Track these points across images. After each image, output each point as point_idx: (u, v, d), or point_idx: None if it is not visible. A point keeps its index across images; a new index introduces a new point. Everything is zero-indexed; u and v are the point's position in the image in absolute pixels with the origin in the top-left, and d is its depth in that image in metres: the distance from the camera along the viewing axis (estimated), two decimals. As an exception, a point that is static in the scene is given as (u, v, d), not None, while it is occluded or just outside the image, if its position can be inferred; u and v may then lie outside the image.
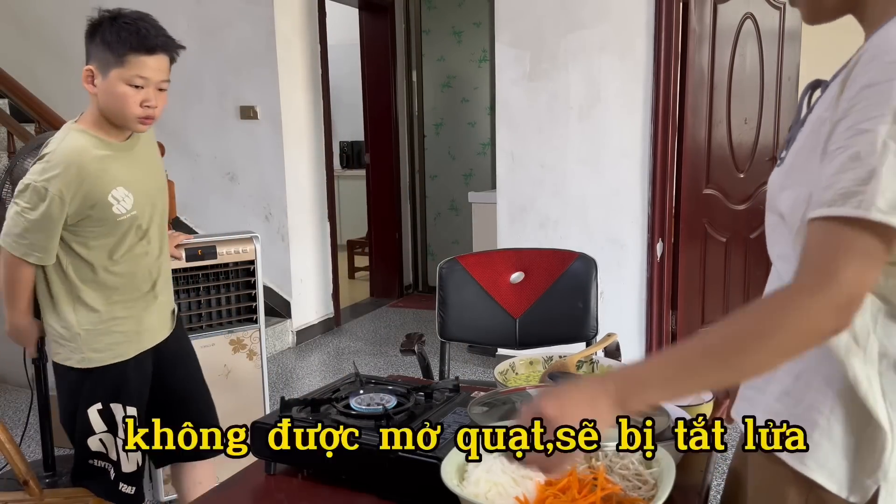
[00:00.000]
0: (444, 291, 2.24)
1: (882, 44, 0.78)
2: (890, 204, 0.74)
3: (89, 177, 1.70)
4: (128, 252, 1.83)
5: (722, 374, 0.84)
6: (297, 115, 4.54)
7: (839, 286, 0.75)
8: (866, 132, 0.75)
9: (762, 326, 0.79)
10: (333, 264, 4.97)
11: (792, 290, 0.79)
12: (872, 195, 0.74)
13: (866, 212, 0.74)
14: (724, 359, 0.81)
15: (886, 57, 0.76)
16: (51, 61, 4.76)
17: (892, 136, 0.74)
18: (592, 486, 0.98)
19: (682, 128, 3.64)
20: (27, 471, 1.76)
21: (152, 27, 1.69)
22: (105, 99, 1.70)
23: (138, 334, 1.89)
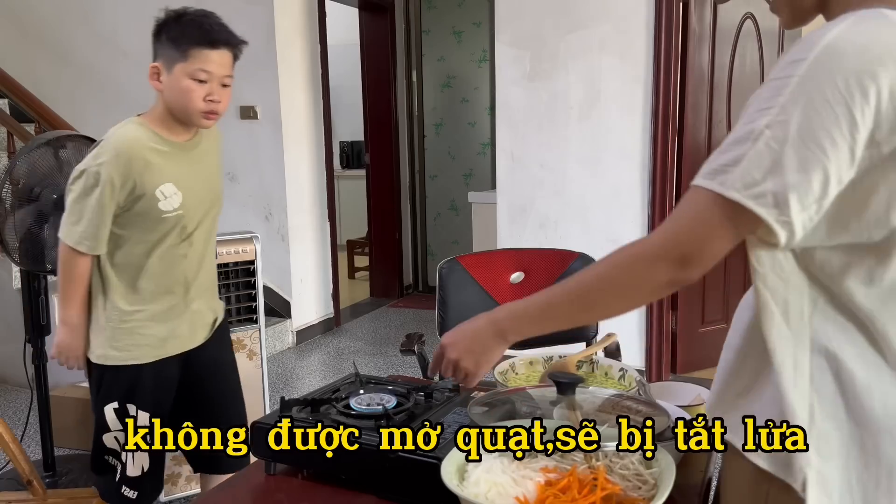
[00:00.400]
0: (444, 291, 2.23)
1: (801, 42, 0.82)
2: (746, 185, 0.79)
3: (139, 167, 1.72)
4: (167, 252, 1.82)
5: (581, 315, 0.99)
6: (297, 115, 4.54)
7: (676, 243, 0.85)
8: (752, 122, 0.81)
9: (612, 273, 0.92)
10: (333, 264, 4.97)
11: (641, 241, 0.90)
12: (735, 176, 0.80)
13: (726, 190, 0.80)
14: (582, 302, 0.95)
15: (794, 55, 0.81)
16: (51, 61, 4.76)
17: (770, 126, 0.79)
18: (592, 487, 0.98)
19: (682, 128, 3.64)
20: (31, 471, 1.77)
21: (216, 23, 1.73)
22: (170, 94, 1.75)
23: (163, 340, 1.87)
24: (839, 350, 0.85)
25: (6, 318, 3.63)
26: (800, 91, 0.78)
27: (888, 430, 0.83)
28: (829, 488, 0.84)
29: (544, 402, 1.17)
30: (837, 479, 0.84)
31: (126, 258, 1.80)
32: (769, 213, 0.79)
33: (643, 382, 1.42)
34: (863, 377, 0.84)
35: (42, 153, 2.45)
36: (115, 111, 4.56)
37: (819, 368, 0.85)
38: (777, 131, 0.79)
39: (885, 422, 0.83)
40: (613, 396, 1.23)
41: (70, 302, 1.81)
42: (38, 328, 2.65)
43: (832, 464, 0.84)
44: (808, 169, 0.78)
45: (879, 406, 0.83)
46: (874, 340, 0.84)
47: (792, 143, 0.78)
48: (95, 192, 1.70)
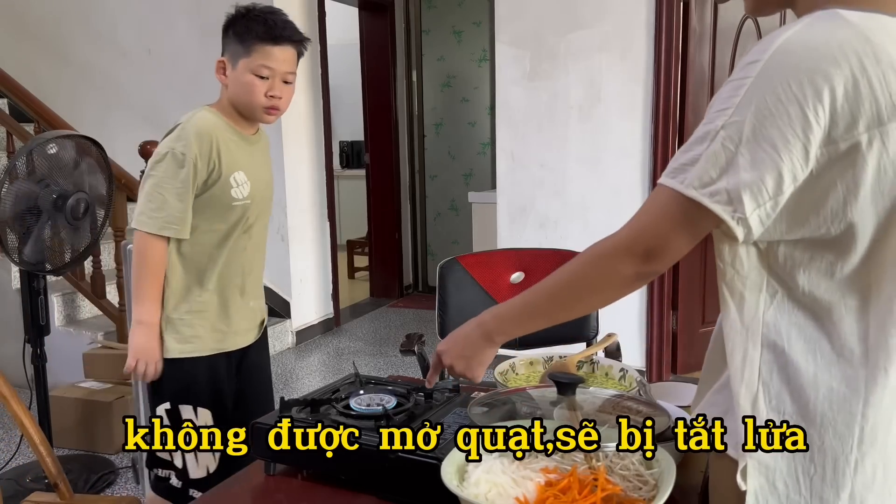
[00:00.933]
0: (443, 291, 2.23)
1: (759, 44, 0.84)
2: (703, 184, 0.83)
3: (219, 149, 1.73)
4: (233, 243, 1.81)
5: (559, 313, 1.01)
6: (297, 115, 4.54)
7: (641, 238, 0.89)
8: (710, 122, 0.84)
9: (583, 270, 0.97)
10: (333, 264, 4.97)
11: (608, 238, 0.94)
12: (693, 175, 0.84)
13: (685, 189, 0.84)
14: (557, 300, 1.00)
15: (750, 56, 0.83)
16: (51, 61, 4.76)
17: (725, 127, 0.82)
18: (593, 487, 0.98)
19: (683, 128, 3.64)
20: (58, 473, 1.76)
21: (280, 20, 1.74)
22: (234, 89, 1.77)
23: (222, 334, 1.84)
24: (788, 345, 0.87)
25: (6, 318, 3.63)
26: (754, 92, 0.81)
27: (832, 424, 0.85)
28: (771, 477, 0.86)
29: (544, 402, 1.17)
30: (783, 469, 0.86)
31: (193, 247, 1.77)
32: (724, 210, 0.82)
33: (643, 383, 1.42)
34: (810, 371, 0.86)
35: (42, 153, 2.45)
36: (115, 111, 4.59)
37: (767, 363, 0.88)
38: (731, 131, 0.82)
39: (830, 415, 0.85)
40: (614, 397, 1.23)
41: (147, 298, 1.74)
42: (38, 328, 2.65)
43: (776, 455, 0.86)
44: (760, 168, 0.80)
45: (824, 400, 0.85)
46: (829, 334, 0.86)
47: (746, 142, 0.81)
48: (181, 173, 1.69)
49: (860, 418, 0.84)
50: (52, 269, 2.59)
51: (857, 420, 0.84)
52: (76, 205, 2.51)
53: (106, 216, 2.70)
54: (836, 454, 0.85)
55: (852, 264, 0.84)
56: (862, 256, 0.84)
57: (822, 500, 0.85)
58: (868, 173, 0.80)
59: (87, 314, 3.77)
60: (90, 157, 2.59)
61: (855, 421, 0.84)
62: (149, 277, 1.74)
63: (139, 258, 1.74)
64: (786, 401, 0.87)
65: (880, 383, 0.84)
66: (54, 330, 3.05)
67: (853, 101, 0.78)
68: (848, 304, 0.85)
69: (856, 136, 0.79)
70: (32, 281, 2.62)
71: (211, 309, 1.82)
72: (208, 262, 1.80)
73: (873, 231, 0.83)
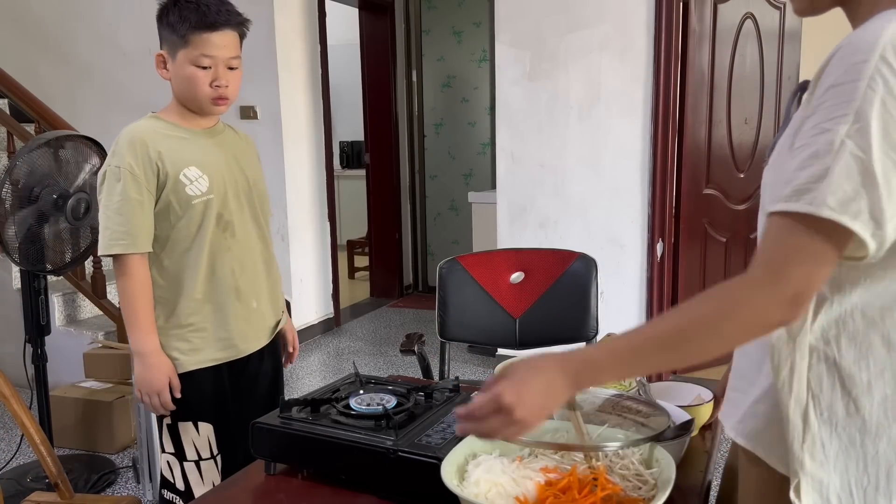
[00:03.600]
0: (444, 291, 2.23)
1: (852, 43, 0.79)
2: (840, 202, 0.75)
3: (156, 151, 1.63)
4: (210, 244, 1.68)
5: (671, 361, 0.87)
6: (297, 115, 4.54)
7: (787, 282, 0.78)
8: (827, 132, 0.77)
9: (711, 317, 0.82)
10: (333, 264, 4.97)
11: (742, 282, 0.81)
12: (824, 193, 0.75)
13: (817, 209, 0.75)
14: (673, 346, 0.84)
15: (853, 57, 0.77)
16: (51, 61, 4.76)
17: (850, 136, 0.75)
18: (593, 487, 0.98)
19: (682, 128, 3.64)
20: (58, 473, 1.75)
21: (213, 3, 1.62)
22: (177, 83, 1.67)
23: (223, 341, 1.74)
24: (838, 354, 0.84)
25: (6, 318, 3.63)
26: (872, 94, 0.75)
27: (887, 432, 0.83)
28: (825, 493, 0.84)
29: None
30: (837, 484, 0.84)
31: (169, 256, 1.68)
32: (865, 229, 0.75)
33: (643, 382, 1.42)
34: (864, 379, 0.84)
35: (42, 153, 2.45)
36: (115, 111, 4.59)
37: (816, 374, 0.85)
38: (859, 140, 0.75)
39: (885, 423, 0.83)
40: (613, 396, 1.23)
41: (134, 327, 1.63)
42: (38, 328, 2.65)
43: (828, 468, 0.84)
44: (890, 177, 0.75)
45: (879, 407, 0.83)
46: (884, 339, 0.84)
47: (877, 149, 0.75)
48: (118, 186, 1.60)
49: None
50: (53, 269, 2.59)
51: None
52: (76, 205, 2.51)
53: (106, 216, 2.70)
54: (890, 462, 0.84)
55: None
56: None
57: None
58: None
59: (87, 314, 3.77)
60: (90, 157, 2.59)
61: None
62: (136, 304, 1.64)
63: (120, 285, 1.64)
64: (838, 411, 0.84)
65: None
66: (55, 330, 3.06)
67: None
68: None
69: None
70: (33, 281, 2.62)
71: (204, 317, 1.71)
72: (188, 268, 1.68)
73: None
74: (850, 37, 0.80)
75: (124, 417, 3.09)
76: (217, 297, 1.72)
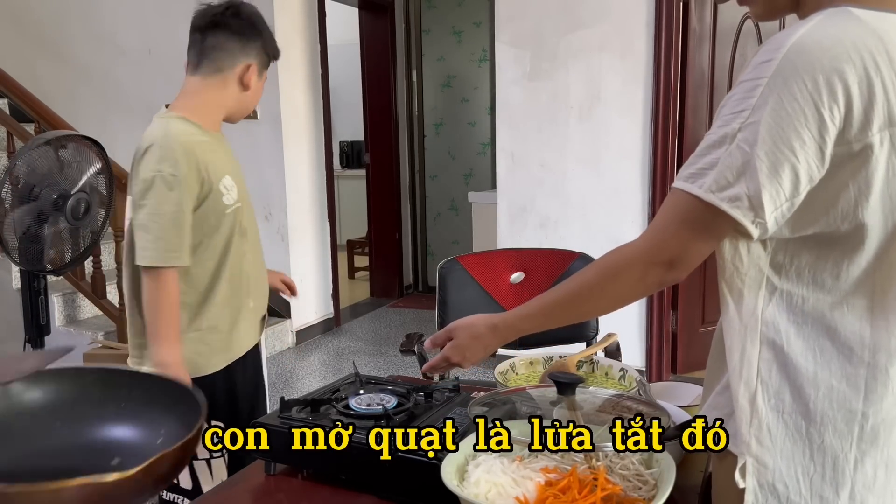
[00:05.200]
0: (444, 291, 2.23)
1: (767, 42, 0.83)
2: (721, 188, 0.82)
3: (203, 162, 1.63)
4: (234, 251, 1.72)
5: (572, 318, 1.07)
6: (297, 115, 4.54)
7: (661, 247, 0.89)
8: (726, 125, 0.83)
9: (599, 281, 0.97)
10: (333, 264, 4.97)
11: (629, 246, 0.94)
12: (710, 179, 0.83)
13: (701, 192, 0.83)
14: (573, 305, 1.03)
15: (761, 56, 0.82)
16: (50, 61, 4.76)
17: (742, 129, 0.81)
18: (593, 487, 0.98)
19: (683, 128, 3.64)
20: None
21: None
22: (252, 95, 1.77)
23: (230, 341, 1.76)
24: (787, 343, 0.86)
25: (6, 317, 3.63)
26: (769, 92, 0.79)
27: (832, 422, 0.85)
28: (770, 478, 0.86)
29: (544, 402, 1.17)
30: (783, 471, 0.86)
31: (196, 266, 1.67)
32: (744, 216, 0.82)
33: (643, 382, 1.42)
34: (810, 370, 0.86)
35: (42, 153, 2.45)
36: (115, 111, 4.59)
37: (765, 361, 0.88)
38: (748, 133, 0.80)
39: (830, 413, 0.85)
40: (614, 397, 1.23)
41: (166, 339, 1.61)
42: (38, 328, 2.65)
43: (774, 454, 0.87)
44: (778, 170, 0.79)
45: (824, 398, 0.85)
46: (830, 332, 0.86)
47: (762, 144, 0.79)
48: (173, 196, 1.57)
49: (860, 417, 0.85)
50: (53, 269, 2.59)
51: (857, 419, 0.85)
52: (76, 205, 2.51)
53: (106, 216, 2.70)
54: (836, 452, 0.85)
55: (860, 265, 0.84)
56: (871, 257, 0.83)
57: (821, 498, 0.86)
58: (879, 175, 0.79)
59: (87, 314, 3.77)
60: (90, 156, 2.59)
61: (855, 419, 0.85)
62: (165, 316, 1.61)
63: (152, 296, 1.60)
64: (785, 399, 0.87)
65: (881, 382, 0.85)
66: (54, 330, 3.06)
67: (867, 102, 0.77)
68: (851, 304, 0.85)
69: (869, 137, 0.78)
70: (33, 281, 2.62)
71: (223, 320, 1.74)
72: (213, 277, 1.70)
73: (883, 232, 0.82)
74: (770, 39, 0.84)
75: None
76: (235, 300, 1.76)
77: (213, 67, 1.70)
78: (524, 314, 1.10)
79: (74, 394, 0.89)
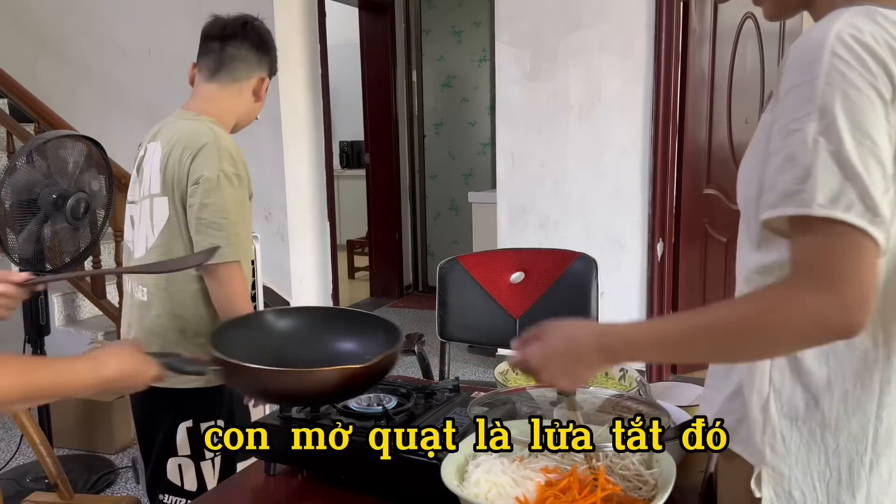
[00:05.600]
0: (444, 291, 2.23)
1: (801, 45, 0.81)
2: (829, 198, 0.75)
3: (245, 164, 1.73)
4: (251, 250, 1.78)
5: (715, 355, 0.88)
6: (297, 115, 4.53)
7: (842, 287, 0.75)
8: (796, 132, 0.78)
9: (768, 319, 0.78)
10: (333, 264, 4.96)
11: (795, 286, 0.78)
12: (812, 192, 0.76)
13: (808, 208, 0.76)
14: (722, 342, 0.83)
15: (805, 57, 0.79)
16: (50, 61, 4.76)
17: (821, 133, 0.77)
18: (593, 487, 0.98)
19: (683, 128, 3.64)
20: (58, 473, 1.75)
21: None
22: (257, 105, 1.84)
23: None
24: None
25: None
26: (831, 88, 0.77)
27: (847, 426, 0.85)
28: (787, 486, 0.86)
29: (544, 402, 1.17)
30: (799, 478, 0.86)
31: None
32: (862, 218, 0.75)
33: (643, 383, 1.42)
34: (823, 375, 0.85)
35: (42, 153, 2.45)
36: (115, 111, 4.59)
37: (778, 368, 0.87)
38: (830, 135, 0.76)
39: (845, 418, 0.85)
40: (613, 397, 1.23)
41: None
42: (38, 328, 2.65)
43: (790, 462, 0.86)
44: (868, 164, 0.76)
45: (839, 402, 0.85)
46: None
47: (849, 140, 0.76)
48: (238, 194, 1.64)
49: (874, 419, 0.84)
50: (52, 269, 2.59)
51: (872, 421, 0.84)
52: (76, 205, 2.51)
53: (106, 216, 2.70)
54: (851, 456, 0.85)
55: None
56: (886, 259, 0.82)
57: (838, 503, 0.85)
58: None
59: (87, 314, 3.77)
60: (90, 157, 2.58)
61: (869, 422, 0.84)
62: (242, 306, 1.61)
63: (231, 287, 1.61)
64: (798, 406, 0.86)
65: (894, 384, 0.84)
66: (54, 330, 3.05)
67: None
68: None
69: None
70: (32, 281, 2.61)
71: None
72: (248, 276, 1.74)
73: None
74: (799, 39, 0.83)
75: (124, 418, 3.09)
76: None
77: (231, 77, 1.76)
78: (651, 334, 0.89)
79: (309, 322, 1.32)
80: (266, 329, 1.32)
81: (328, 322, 1.32)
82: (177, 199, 1.66)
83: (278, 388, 1.13)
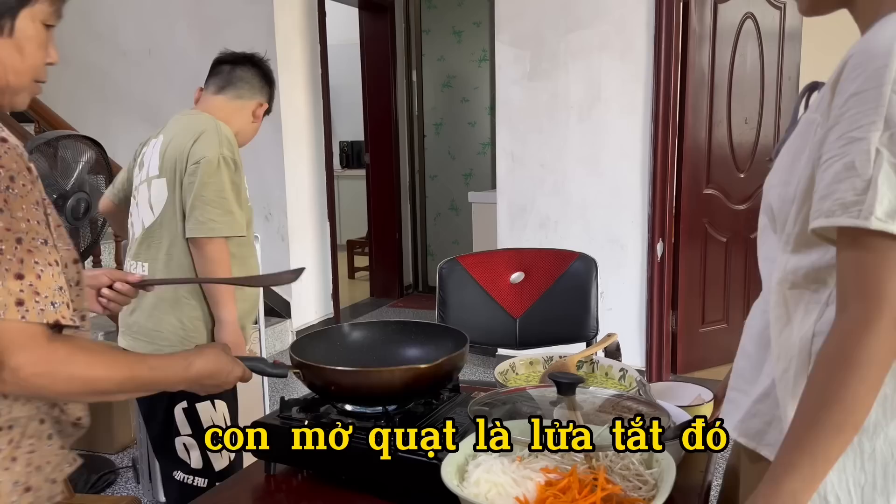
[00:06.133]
0: (444, 291, 2.23)
1: (868, 48, 0.78)
2: (887, 212, 0.74)
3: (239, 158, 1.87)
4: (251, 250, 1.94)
5: (836, 435, 0.78)
6: (297, 115, 4.54)
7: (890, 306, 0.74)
8: (858, 140, 0.76)
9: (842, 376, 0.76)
10: (333, 264, 4.97)
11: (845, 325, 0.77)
12: (871, 204, 0.74)
13: (865, 221, 0.74)
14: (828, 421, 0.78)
15: (872, 63, 0.77)
16: (51, 61, 4.76)
17: (884, 144, 0.75)
18: (593, 487, 0.98)
19: (683, 128, 3.64)
20: None
21: None
22: (255, 128, 2.02)
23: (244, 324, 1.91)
24: None
25: (6, 318, 3.62)
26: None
27: (884, 430, 0.84)
28: (822, 491, 0.85)
29: (544, 402, 1.17)
30: (835, 483, 0.85)
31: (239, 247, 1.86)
32: None
33: (643, 383, 1.42)
34: None
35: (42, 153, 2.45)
36: (115, 111, 4.59)
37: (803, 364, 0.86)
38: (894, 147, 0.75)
39: (883, 422, 0.84)
40: (613, 397, 1.23)
41: (230, 299, 1.80)
42: (38, 328, 2.65)
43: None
44: None
45: (878, 407, 0.83)
46: None
47: None
48: (236, 176, 1.79)
49: None
50: (52, 269, 2.58)
51: None
52: (76, 205, 2.51)
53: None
54: (886, 460, 0.84)
55: None
56: None
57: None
58: None
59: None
60: (90, 157, 2.58)
61: None
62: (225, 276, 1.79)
63: (217, 264, 1.76)
64: None
65: None
66: (54, 330, 3.05)
67: None
68: None
69: None
70: (32, 281, 2.61)
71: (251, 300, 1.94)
72: (247, 259, 1.89)
73: None
74: (863, 43, 0.80)
75: (124, 417, 3.09)
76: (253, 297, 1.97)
77: (236, 94, 1.93)
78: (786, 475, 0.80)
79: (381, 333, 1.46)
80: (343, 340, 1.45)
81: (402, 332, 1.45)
82: (175, 180, 1.78)
83: (350, 385, 1.23)
